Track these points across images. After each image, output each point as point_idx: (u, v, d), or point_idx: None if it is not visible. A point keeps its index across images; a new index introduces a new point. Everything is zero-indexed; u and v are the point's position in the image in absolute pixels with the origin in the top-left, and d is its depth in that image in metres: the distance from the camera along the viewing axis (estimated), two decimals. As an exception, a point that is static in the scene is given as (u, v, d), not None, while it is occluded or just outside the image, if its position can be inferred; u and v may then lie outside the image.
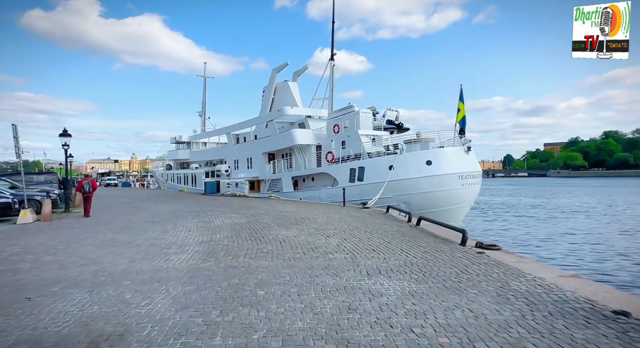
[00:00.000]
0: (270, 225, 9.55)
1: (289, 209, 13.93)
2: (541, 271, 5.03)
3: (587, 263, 10.78)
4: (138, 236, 8.07)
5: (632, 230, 17.16)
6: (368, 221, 10.49)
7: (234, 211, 13.30)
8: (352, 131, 21.39)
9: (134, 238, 7.83)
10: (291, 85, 29.73)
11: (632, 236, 15.70)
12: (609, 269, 10.02)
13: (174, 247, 6.82)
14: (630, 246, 13.31)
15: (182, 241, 7.48)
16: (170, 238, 7.77)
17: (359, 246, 6.86)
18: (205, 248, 6.74)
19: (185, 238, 7.78)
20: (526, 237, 16.61)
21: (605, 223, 19.82)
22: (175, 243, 7.28)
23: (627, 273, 9.53)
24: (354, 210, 13.77)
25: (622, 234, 16.41)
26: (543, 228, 19.05)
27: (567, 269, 7.37)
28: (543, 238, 16.32)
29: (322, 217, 11.31)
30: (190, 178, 36.86)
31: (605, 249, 13.07)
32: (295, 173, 23.42)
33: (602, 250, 12.85)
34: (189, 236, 8.08)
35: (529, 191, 47.80)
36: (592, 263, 10.81)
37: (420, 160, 16.73)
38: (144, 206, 16.23)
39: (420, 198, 16.61)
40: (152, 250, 6.59)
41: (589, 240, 15.18)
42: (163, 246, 6.95)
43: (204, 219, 11.14)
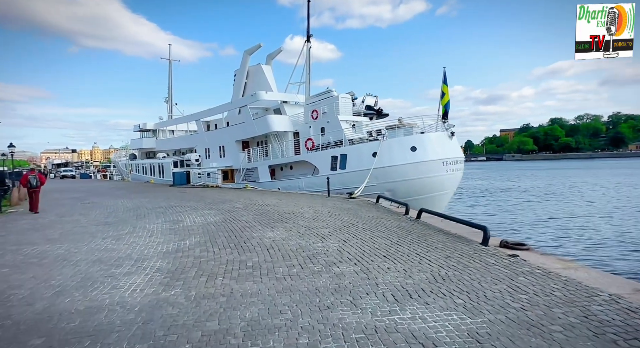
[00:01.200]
0: (252, 224, 8.07)
1: (270, 202, 12.45)
2: (607, 283, 4.00)
3: (611, 255, 10.16)
4: (81, 247, 6.32)
5: (618, 211, 17.23)
6: (361, 214, 9.27)
7: (207, 206, 11.64)
8: (331, 117, 20.03)
9: (74, 251, 6.06)
10: (265, 68, 27.66)
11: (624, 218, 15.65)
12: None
13: (127, 264, 5.20)
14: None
15: (139, 253, 5.86)
16: (125, 249, 6.11)
17: (365, 251, 5.60)
18: (170, 263, 5.19)
19: (144, 248, 6.16)
20: (517, 224, 16.22)
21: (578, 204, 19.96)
22: (130, 256, 5.65)
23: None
24: (340, 201, 12.52)
25: (608, 216, 16.37)
26: (527, 212, 18.86)
27: (602, 268, 6.52)
28: (532, 224, 16.01)
29: (308, 211, 9.96)
30: (157, 168, 34.12)
31: (609, 237, 12.72)
32: (273, 162, 21.81)
33: (609, 238, 12.45)
34: (150, 244, 6.45)
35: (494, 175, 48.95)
36: (615, 256, 10.20)
37: (405, 146, 15.73)
38: (100, 202, 14.11)
39: (405, 185, 15.70)
40: (95, 270, 4.94)
41: (582, 224, 14.98)
42: (112, 262, 5.31)
43: (171, 218, 9.44)
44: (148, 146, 38.33)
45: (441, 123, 16.23)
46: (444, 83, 15.79)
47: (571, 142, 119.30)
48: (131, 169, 40.16)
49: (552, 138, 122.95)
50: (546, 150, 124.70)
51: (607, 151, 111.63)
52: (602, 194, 24.37)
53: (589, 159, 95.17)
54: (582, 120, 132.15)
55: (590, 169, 52.21)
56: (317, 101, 21.60)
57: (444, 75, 15.96)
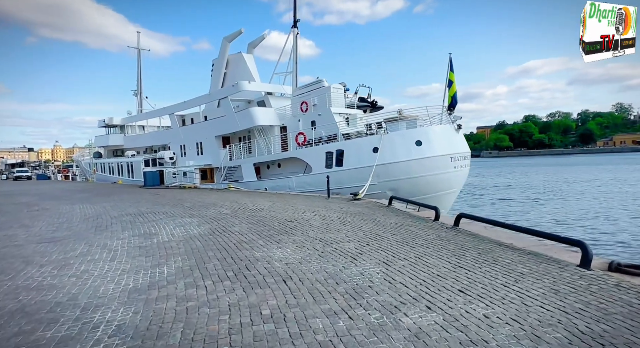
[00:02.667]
0: (250, 238, 6.21)
1: (262, 205, 10.56)
2: None
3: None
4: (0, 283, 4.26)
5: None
6: (380, 220, 7.62)
7: (186, 213, 9.60)
8: (323, 109, 18.33)
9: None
10: (246, 57, 25.47)
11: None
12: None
13: (66, 318, 3.22)
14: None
15: (91, 292, 3.89)
16: (69, 285, 4.11)
17: (425, 280, 3.93)
18: (139, 315, 3.28)
19: (100, 283, 4.18)
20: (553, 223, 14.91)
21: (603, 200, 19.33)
22: (74, 299, 3.67)
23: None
24: (345, 203, 10.84)
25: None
26: (544, 211, 17.86)
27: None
28: (569, 224, 14.88)
29: (314, 217, 8.20)
30: (126, 168, 31.06)
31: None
32: (258, 159, 19.80)
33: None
34: (109, 274, 4.47)
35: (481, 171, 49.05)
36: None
37: (409, 140, 14.29)
38: (52, 208, 11.66)
39: (409, 183, 14.28)
40: (7, 335, 2.98)
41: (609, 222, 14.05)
42: (42, 316, 3.32)
43: (142, 229, 7.38)
44: (115, 143, 35.02)
45: (447, 115, 14.91)
46: (451, 70, 14.42)
47: (544, 139, 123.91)
48: (95, 169, 36.63)
49: (527, 134, 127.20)
50: (521, 147, 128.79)
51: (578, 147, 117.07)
52: (618, 190, 23.84)
53: (561, 156, 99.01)
54: (554, 117, 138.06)
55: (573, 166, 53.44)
56: (306, 92, 19.81)
57: (449, 62, 14.60)
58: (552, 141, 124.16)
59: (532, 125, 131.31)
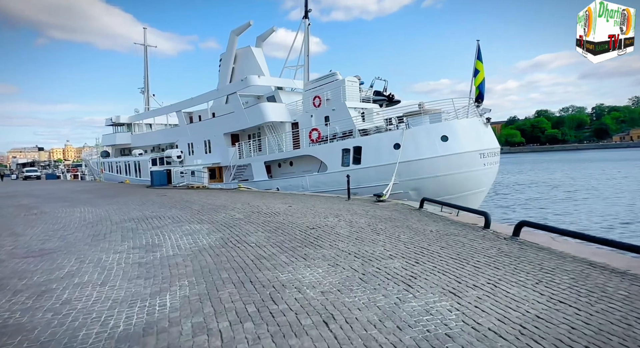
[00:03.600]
0: (270, 252, 5.18)
1: (277, 208, 9.55)
2: None
3: None
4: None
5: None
6: (417, 227, 6.52)
7: (195, 217, 8.62)
8: (337, 104, 17.24)
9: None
10: (255, 51, 24.44)
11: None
12: None
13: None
14: None
15: (65, 340, 2.90)
16: (40, 327, 3.10)
17: (525, 324, 2.83)
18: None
19: (80, 324, 3.17)
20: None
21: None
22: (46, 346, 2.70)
23: None
24: (370, 206, 9.75)
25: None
26: (593, 212, 16.29)
27: None
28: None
29: (339, 223, 7.14)
30: (133, 167, 30.39)
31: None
32: (270, 157, 18.80)
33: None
34: (94, 310, 3.45)
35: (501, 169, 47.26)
36: None
37: (434, 135, 13.12)
38: (51, 212, 10.82)
39: (434, 182, 13.13)
40: None
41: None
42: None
43: (144, 239, 6.41)
44: (122, 141, 34.41)
45: (474, 107, 13.69)
46: (478, 59, 13.17)
47: (557, 134, 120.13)
48: (103, 169, 36.12)
49: (539, 130, 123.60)
50: (533, 142, 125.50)
51: (592, 143, 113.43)
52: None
53: (575, 151, 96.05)
54: (567, 112, 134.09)
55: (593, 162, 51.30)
56: (318, 87, 18.73)
57: (477, 49, 13.34)
58: (566, 136, 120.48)
59: (544, 120, 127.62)
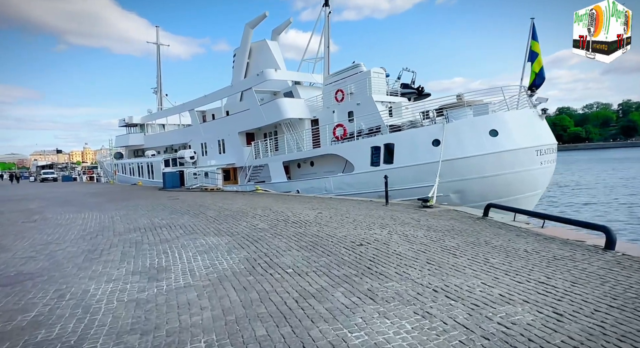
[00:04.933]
0: (317, 285, 3.72)
1: (304, 214, 8.11)
2: None
3: None
4: None
5: None
6: (501, 246, 4.97)
7: (211, 227, 7.27)
8: (362, 98, 15.74)
9: None
10: (271, 44, 23.13)
11: None
12: None
13: None
14: None
15: None
16: None
17: None
18: None
19: None
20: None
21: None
22: None
23: None
24: (416, 213, 8.20)
25: None
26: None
27: None
28: None
29: (389, 237, 5.65)
30: (146, 168, 29.55)
31: None
32: (288, 157, 17.41)
33: None
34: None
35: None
36: None
37: (481, 130, 11.45)
38: (53, 218, 9.66)
39: (481, 184, 11.47)
40: None
41: None
42: None
43: (149, 258, 5.06)
44: (135, 143, 33.68)
45: (527, 96, 11.95)
46: (534, 39, 11.39)
47: (581, 132, 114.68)
48: (116, 170, 35.50)
49: (561, 128, 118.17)
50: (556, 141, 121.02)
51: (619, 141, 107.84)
52: None
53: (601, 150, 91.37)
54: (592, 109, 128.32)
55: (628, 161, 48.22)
56: (341, 80, 17.24)
57: (532, 29, 11.56)
58: (590, 134, 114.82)
59: (566, 118, 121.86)
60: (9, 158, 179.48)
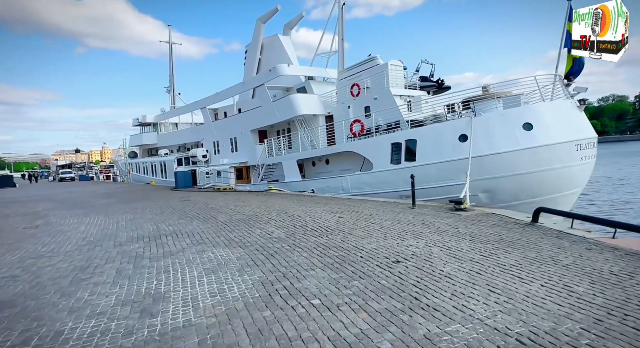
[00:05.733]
0: (356, 327, 2.88)
1: (324, 218, 7.26)
2: None
3: None
4: None
5: None
6: (579, 265, 4.00)
7: (221, 235, 6.50)
8: (380, 92, 14.76)
9: None
10: (283, 39, 22.29)
11: None
12: None
13: None
14: None
15: None
16: None
17: None
18: None
19: None
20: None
21: None
22: None
23: None
24: (450, 218, 7.23)
25: None
26: None
27: None
28: None
29: (430, 251, 4.74)
30: (159, 167, 29.28)
31: None
32: (303, 155, 16.58)
33: None
34: None
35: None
36: None
37: (514, 123, 10.33)
38: (56, 223, 9.12)
39: (514, 182, 10.38)
40: None
41: None
42: None
43: (145, 281, 4.31)
44: (149, 142, 33.52)
45: (563, 86, 10.75)
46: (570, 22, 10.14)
47: (597, 125, 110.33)
48: (130, 170, 35.47)
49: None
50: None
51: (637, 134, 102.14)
52: None
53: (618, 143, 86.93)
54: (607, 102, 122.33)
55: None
56: (356, 74, 16.27)
57: (569, 11, 10.32)
58: (606, 127, 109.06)
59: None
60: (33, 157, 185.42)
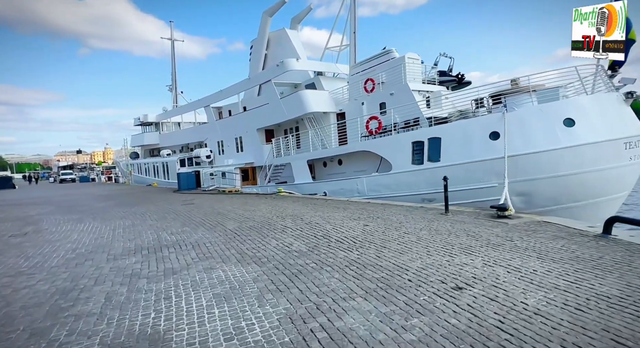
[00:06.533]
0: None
1: (347, 226, 6.31)
2: None
3: None
4: None
5: None
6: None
7: (232, 247, 5.57)
8: (397, 87, 13.78)
9: None
10: (290, 33, 21.36)
11: None
12: None
13: None
14: None
15: None
16: None
17: None
18: None
19: None
20: None
21: None
22: None
23: None
24: (497, 227, 6.24)
25: None
26: None
27: None
28: None
29: (493, 275, 3.78)
30: (161, 168, 28.43)
31: None
32: (314, 155, 15.64)
33: None
34: None
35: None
36: None
37: (553, 119, 9.32)
38: (46, 231, 8.23)
39: (554, 185, 9.37)
40: None
41: None
42: None
43: (142, 313, 3.39)
44: (150, 142, 32.70)
45: (607, 78, 9.73)
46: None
47: None
48: (131, 171, 34.66)
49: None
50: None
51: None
52: None
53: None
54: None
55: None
56: (370, 68, 15.31)
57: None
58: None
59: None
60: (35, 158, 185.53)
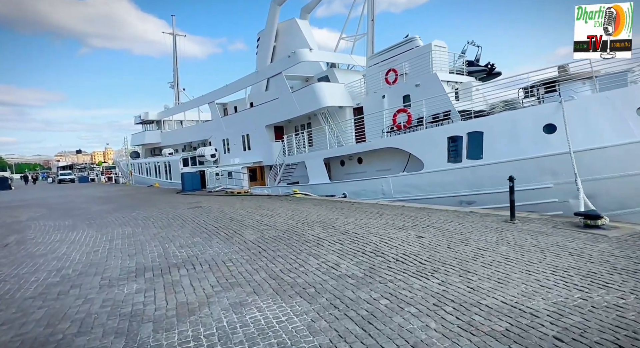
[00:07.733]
0: None
1: (399, 239, 5.01)
2: None
3: None
4: None
5: None
6: None
7: (260, 268, 4.27)
8: (423, 77, 12.51)
9: None
10: (301, 24, 20.04)
11: None
12: None
13: None
14: None
15: None
16: None
17: None
18: None
19: None
20: None
21: None
22: None
23: None
24: (590, 242, 4.91)
25: None
26: None
27: None
28: None
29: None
30: (163, 168, 27.14)
31: None
32: (331, 153, 14.33)
33: None
34: None
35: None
36: None
37: (622, 108, 8.01)
38: (32, 243, 6.94)
39: (624, 186, 8.07)
40: None
41: None
42: None
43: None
44: (151, 140, 31.43)
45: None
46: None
47: None
48: (132, 171, 33.37)
49: None
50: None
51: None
52: None
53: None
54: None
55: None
56: (392, 58, 14.02)
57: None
58: None
59: None
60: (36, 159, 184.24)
